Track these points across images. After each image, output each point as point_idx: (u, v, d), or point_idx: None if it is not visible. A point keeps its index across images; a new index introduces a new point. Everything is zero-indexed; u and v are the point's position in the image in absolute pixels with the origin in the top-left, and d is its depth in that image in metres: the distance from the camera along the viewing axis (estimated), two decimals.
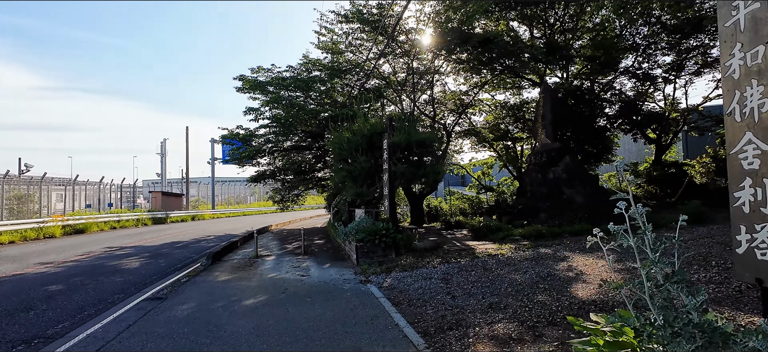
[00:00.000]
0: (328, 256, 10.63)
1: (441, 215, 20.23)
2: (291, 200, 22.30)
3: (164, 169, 40.07)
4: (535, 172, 14.11)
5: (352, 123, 10.47)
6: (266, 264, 9.66)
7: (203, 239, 16.62)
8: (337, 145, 10.15)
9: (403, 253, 9.28)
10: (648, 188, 19.94)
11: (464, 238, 12.14)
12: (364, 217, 9.63)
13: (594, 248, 8.79)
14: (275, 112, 14.76)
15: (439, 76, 19.93)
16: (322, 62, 17.35)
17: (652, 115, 16.60)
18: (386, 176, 9.64)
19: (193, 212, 32.45)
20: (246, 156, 15.91)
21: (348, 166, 10.08)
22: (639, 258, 2.65)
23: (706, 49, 17.50)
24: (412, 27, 15.79)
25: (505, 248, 9.38)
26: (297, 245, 13.37)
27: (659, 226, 11.37)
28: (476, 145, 22.78)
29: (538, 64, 16.07)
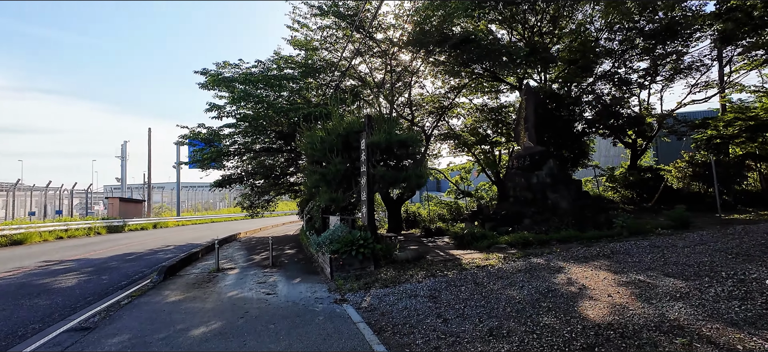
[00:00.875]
0: (299, 268, 9.57)
1: (420, 222, 19.47)
2: (261, 206, 20.92)
3: (124, 173, 37.45)
4: (518, 177, 13.57)
5: (327, 122, 9.51)
6: (228, 279, 8.50)
7: (162, 249, 15.11)
8: (310, 146, 9.16)
9: (382, 265, 8.37)
10: (624, 192, 19.97)
11: (447, 246, 11.37)
12: (339, 225, 8.67)
13: (588, 256, 8.21)
14: (243, 111, 13.49)
15: (417, 78, 19.29)
16: (294, 60, 16.28)
17: (631, 119, 16.54)
18: (364, 179, 8.72)
19: (155, 219, 30.29)
20: (208, 159, 14.51)
21: (321, 168, 9.10)
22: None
23: (680, 55, 17.70)
24: (392, 23, 15.01)
25: (493, 257, 8.65)
26: (265, 255, 12.21)
27: (643, 232, 11.04)
28: (455, 150, 22.23)
29: (518, 67, 15.68)
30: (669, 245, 8.53)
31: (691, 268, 6.39)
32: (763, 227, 9.99)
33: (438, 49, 16.16)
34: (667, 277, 6.01)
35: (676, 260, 7.06)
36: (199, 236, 20.68)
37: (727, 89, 17.27)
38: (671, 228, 11.29)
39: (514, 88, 20.56)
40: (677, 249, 8.02)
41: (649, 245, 8.69)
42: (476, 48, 14.94)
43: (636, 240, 9.51)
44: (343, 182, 9.26)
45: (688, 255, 7.34)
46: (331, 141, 8.85)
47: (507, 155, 22.31)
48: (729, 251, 7.40)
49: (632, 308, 4.79)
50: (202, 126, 14.30)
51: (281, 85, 13.80)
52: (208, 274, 9.24)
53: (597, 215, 12.25)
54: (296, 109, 11.60)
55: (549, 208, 12.33)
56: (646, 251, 8.07)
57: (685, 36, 16.15)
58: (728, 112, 15.57)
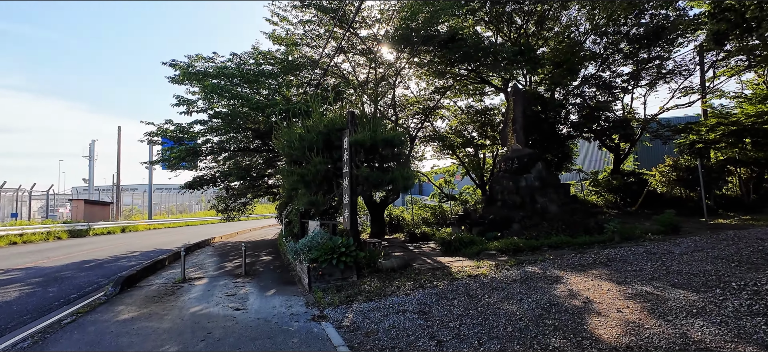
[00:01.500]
0: (274, 278, 8.78)
1: (403, 226, 18.89)
2: (237, 209, 19.89)
3: (92, 173, 35.43)
4: (505, 180, 13.14)
5: (307, 119, 8.78)
6: (193, 291, 7.63)
7: (126, 255, 13.96)
8: (287, 144, 8.40)
9: (366, 274, 7.69)
10: (608, 196, 19.91)
11: (433, 253, 10.77)
12: (319, 230, 7.94)
13: (585, 264, 7.74)
14: (216, 107, 12.49)
15: (402, 79, 18.76)
16: (274, 55, 15.44)
17: (617, 122, 16.45)
18: (346, 181, 8.03)
19: (124, 222, 28.64)
20: (177, 158, 13.44)
21: (300, 169, 8.35)
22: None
23: (663, 60, 17.77)
24: (377, 18, 14.40)
25: (484, 265, 8.09)
26: (239, 263, 11.32)
27: (634, 237, 10.75)
28: (439, 152, 21.79)
29: (505, 68, 15.33)
30: (665, 251, 8.17)
31: (697, 278, 5.97)
32: (754, 233, 9.81)
33: (423, 48, 15.67)
34: (675, 288, 5.56)
35: (678, 268, 6.66)
36: (170, 241, 19.46)
37: (708, 95, 17.40)
38: (661, 233, 11.04)
39: (499, 91, 20.28)
40: (675, 256, 7.65)
41: (645, 251, 8.31)
42: (463, 47, 14.49)
43: (629, 246, 9.14)
44: (324, 183, 8.54)
45: (689, 263, 6.96)
46: (311, 139, 8.12)
47: (491, 159, 22.05)
48: (729, 259, 7.06)
49: (648, 326, 4.27)
50: (170, 122, 13.21)
51: (259, 81, 12.92)
52: (172, 285, 8.33)
53: (586, 219, 11.92)
54: (274, 105, 10.78)
55: (538, 212, 11.92)
56: (644, 258, 7.67)
57: (670, 40, 16.15)
58: (711, 118, 15.64)
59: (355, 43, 16.22)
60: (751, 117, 14.72)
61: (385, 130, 8.58)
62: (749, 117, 14.76)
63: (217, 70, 12.10)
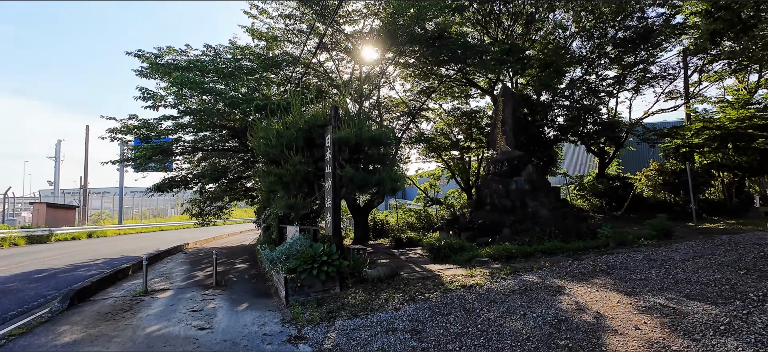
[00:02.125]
0: (248, 289, 7.96)
1: (388, 231, 18.21)
2: (213, 213, 18.79)
3: (58, 176, 33.42)
4: (495, 183, 12.67)
5: (286, 115, 8.04)
6: (154, 306, 6.76)
7: (86, 264, 12.80)
8: (264, 142, 7.63)
9: (350, 285, 6.98)
10: (593, 200, 19.78)
11: (422, 259, 10.14)
12: (298, 237, 7.20)
13: (585, 272, 7.23)
14: (187, 102, 11.48)
15: (387, 79, 18.21)
16: (253, 50, 14.59)
17: (605, 125, 16.30)
18: (329, 182, 7.32)
19: (91, 227, 26.97)
20: (143, 157, 12.33)
21: (278, 169, 7.59)
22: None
23: (648, 64, 17.79)
24: (362, 12, 13.77)
25: (477, 274, 7.51)
26: (210, 271, 10.42)
27: (628, 243, 10.41)
28: (425, 155, 21.29)
29: (492, 68, 14.93)
30: (665, 258, 7.78)
31: (710, 288, 5.53)
32: (747, 238, 9.59)
33: (409, 48, 15.14)
34: (690, 300, 5.08)
35: (686, 276, 6.23)
36: (140, 247, 18.21)
37: (692, 100, 17.49)
38: (654, 238, 10.74)
39: (485, 93, 19.97)
40: (677, 263, 7.25)
41: (644, 258, 7.90)
42: (450, 45, 14.03)
43: (626, 252, 8.74)
44: (304, 185, 7.80)
45: (695, 271, 6.55)
46: (290, 136, 7.38)
47: (476, 162, 21.69)
48: (735, 266, 6.69)
49: (675, 348, 3.73)
50: (135, 118, 12.08)
51: (235, 76, 12.04)
52: (130, 298, 7.41)
53: (578, 224, 11.54)
54: (250, 101, 9.95)
55: (529, 216, 11.46)
56: (646, 265, 7.24)
57: (656, 43, 16.12)
58: (696, 122, 15.63)
59: (339, 41, 15.56)
60: (735, 121, 14.76)
61: (372, 127, 7.91)
62: (733, 121, 14.79)
63: (189, 63, 11.15)
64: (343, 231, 19.24)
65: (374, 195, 14.21)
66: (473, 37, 17.81)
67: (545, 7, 16.31)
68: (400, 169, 11.47)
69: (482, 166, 21.13)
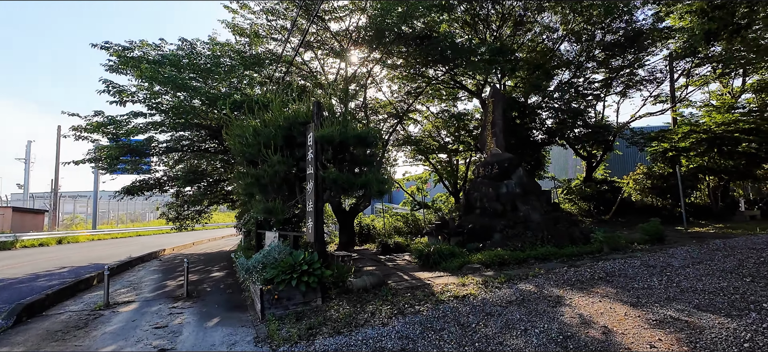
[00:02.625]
0: (222, 301, 7.31)
1: (374, 236, 17.67)
2: (191, 217, 17.91)
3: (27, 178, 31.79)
4: (485, 186, 12.28)
5: (266, 113, 7.44)
6: (114, 322, 6.06)
7: (49, 273, 11.85)
8: (240, 141, 7.01)
9: (333, 296, 6.41)
10: (581, 204, 19.66)
11: (410, 266, 9.64)
12: (277, 243, 6.61)
13: (583, 280, 6.81)
14: (160, 98, 10.67)
15: (373, 79, 17.74)
16: (232, 46, 13.92)
17: (595, 128, 16.16)
18: (311, 184, 6.75)
19: (61, 233, 25.58)
20: (110, 157, 11.43)
21: (255, 170, 6.99)
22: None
23: (634, 67, 17.79)
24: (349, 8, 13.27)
25: (469, 283, 7.03)
26: (184, 281, 9.69)
27: (622, 248, 10.11)
28: (412, 158, 20.86)
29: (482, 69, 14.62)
30: (664, 264, 7.46)
31: (719, 297, 5.17)
32: (742, 242, 9.40)
33: (396, 49, 14.72)
34: (702, 311, 4.70)
35: (691, 284, 5.88)
36: (112, 254, 17.19)
37: (678, 104, 17.53)
38: (647, 243, 10.50)
39: (473, 96, 19.71)
40: (677, 270, 6.93)
41: (642, 264, 7.57)
42: (439, 44, 13.66)
43: (622, 258, 8.41)
44: (284, 187, 7.21)
45: (699, 278, 6.21)
46: (269, 134, 6.78)
47: (464, 166, 21.39)
48: (737, 273, 6.39)
49: None
50: (101, 114, 11.14)
51: (213, 72, 11.34)
52: (89, 313, 6.68)
53: (570, 228, 11.22)
54: (227, 97, 9.30)
55: (521, 221, 11.09)
56: (645, 272, 6.90)
57: (643, 47, 16.09)
58: (683, 126, 15.62)
59: (325, 40, 15.02)
60: (721, 125, 14.77)
61: (357, 126, 7.39)
62: (720, 125, 14.80)
63: (162, 58, 10.38)
64: (327, 236, 18.66)
65: (360, 198, 13.68)
66: (462, 38, 17.54)
67: (535, 8, 16.09)
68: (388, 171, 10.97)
69: (470, 170, 20.84)
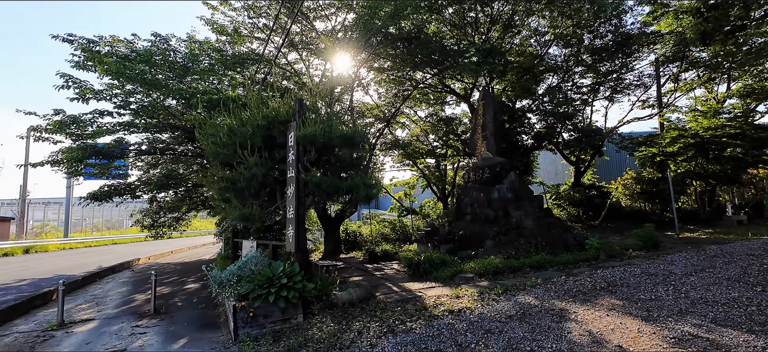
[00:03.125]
0: (193, 318, 6.63)
1: (361, 243, 17.05)
2: (168, 225, 17.00)
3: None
4: (475, 191, 11.86)
5: (243, 111, 6.84)
6: (64, 346, 5.35)
7: (6, 286, 10.85)
8: (213, 141, 6.39)
9: (316, 312, 5.82)
10: (570, 210, 19.49)
11: (399, 276, 9.10)
12: (253, 254, 6.00)
13: (584, 290, 6.29)
14: (129, 95, 9.82)
15: (360, 82, 17.28)
16: (212, 45, 13.25)
17: (586, 131, 15.99)
18: (292, 188, 6.17)
19: (29, 241, 24.18)
20: (73, 159, 10.45)
21: (230, 173, 6.37)
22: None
23: (620, 73, 17.76)
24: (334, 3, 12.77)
25: (464, 294, 6.54)
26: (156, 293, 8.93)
27: (616, 254, 9.79)
28: (400, 162, 20.39)
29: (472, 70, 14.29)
30: (665, 272, 7.11)
31: (734, 310, 4.80)
32: (737, 248, 9.19)
33: (384, 49, 14.28)
34: (721, 327, 4.30)
35: (699, 295, 5.51)
36: (81, 264, 16.13)
37: (665, 109, 17.56)
38: (642, 249, 10.22)
39: (461, 99, 19.42)
40: (680, 278, 6.58)
41: (643, 272, 7.21)
42: (428, 45, 13.28)
43: (619, 265, 8.06)
44: (262, 192, 6.60)
45: (707, 288, 5.86)
46: (245, 134, 6.18)
47: (451, 171, 21.05)
48: (745, 281, 6.07)
49: None
50: (61, 113, 10.20)
51: (190, 70, 10.64)
52: (38, 334, 5.93)
53: (564, 234, 10.87)
54: (202, 93, 8.61)
55: (513, 227, 10.69)
56: (648, 281, 6.52)
57: (630, 52, 16.04)
58: (671, 131, 15.58)
59: (310, 40, 14.48)
60: (709, 130, 14.76)
61: (343, 126, 6.85)
62: (707, 130, 14.79)
63: (134, 54, 9.60)
64: (312, 244, 17.99)
65: (346, 204, 13.11)
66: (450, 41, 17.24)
67: (523, 11, 15.89)
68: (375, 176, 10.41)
69: (458, 175, 20.51)
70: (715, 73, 15.04)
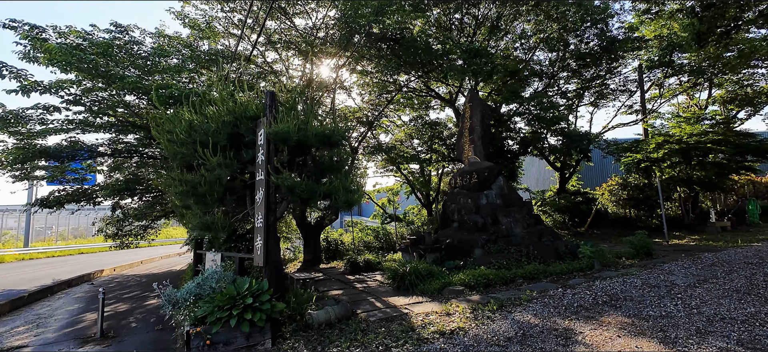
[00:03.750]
0: (144, 343, 5.75)
1: (342, 251, 16.26)
2: (134, 233, 15.82)
3: None
4: (463, 197, 11.30)
5: (208, 106, 6.06)
6: None
7: None
8: (170, 138, 5.58)
9: (288, 335, 5.06)
10: (556, 216, 19.22)
11: (382, 289, 8.38)
12: (214, 269, 5.20)
13: (586, 305, 5.57)
14: (90, 91, 8.73)
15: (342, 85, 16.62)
16: (184, 40, 12.36)
17: (572, 137, 15.71)
18: (261, 192, 5.42)
19: None
20: (13, 160, 9.26)
21: (191, 176, 5.57)
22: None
23: (606, 77, 17.67)
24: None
25: (455, 311, 5.89)
26: (110, 311, 7.96)
27: (610, 264, 9.36)
28: (384, 167, 19.74)
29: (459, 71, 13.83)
30: (667, 284, 6.65)
31: (757, 327, 4.30)
32: (733, 256, 8.89)
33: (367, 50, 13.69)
34: (749, 350, 3.77)
35: (713, 311, 5.02)
36: (36, 277, 14.77)
37: (649, 115, 17.53)
38: (635, 257, 9.84)
39: (446, 104, 19.01)
40: (685, 290, 6.12)
41: (643, 284, 6.73)
42: (413, 45, 12.76)
43: (618, 276, 7.58)
44: (228, 197, 5.81)
45: (717, 301, 5.39)
46: (207, 130, 5.40)
47: (436, 177, 20.55)
48: (756, 294, 5.64)
49: None
50: (1, 107, 9.06)
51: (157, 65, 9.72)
52: None
53: (555, 242, 10.39)
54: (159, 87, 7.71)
55: (503, 235, 10.15)
56: (652, 294, 6.03)
57: (616, 57, 15.93)
58: (657, 137, 15.47)
59: (291, 38, 13.75)
60: (694, 136, 14.69)
61: (322, 124, 6.15)
62: (692, 136, 14.72)
63: (88, 43, 8.61)
64: (291, 253, 17.08)
65: (326, 210, 12.36)
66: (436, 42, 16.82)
67: (510, 14, 15.59)
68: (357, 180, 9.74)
69: (443, 181, 20.02)
70: (700, 77, 15.02)
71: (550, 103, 17.70)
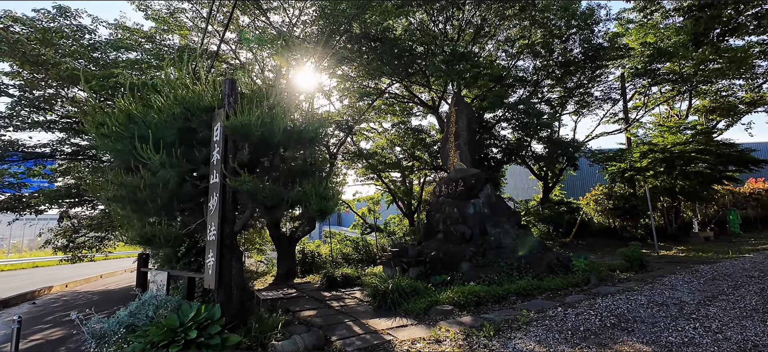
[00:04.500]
0: None
1: (319, 264, 15.21)
2: (89, 245, 14.34)
3: None
4: (448, 206, 10.58)
5: (156, 95, 5.11)
6: None
7: None
8: (102, 131, 4.60)
9: None
10: (540, 226, 18.78)
11: (362, 308, 7.48)
12: (154, 294, 4.22)
13: (593, 330, 4.71)
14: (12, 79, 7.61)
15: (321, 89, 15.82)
16: (144, 33, 11.28)
17: (560, 144, 15.33)
18: (214, 199, 4.50)
19: None
20: None
21: (130, 178, 4.60)
22: None
23: (588, 88, 17.51)
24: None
25: (445, 337, 5.08)
26: (40, 339, 6.79)
27: (605, 278, 8.78)
28: (364, 175, 18.92)
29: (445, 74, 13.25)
30: (675, 301, 6.06)
31: None
32: (729, 268, 8.47)
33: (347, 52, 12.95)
34: None
35: (740, 334, 4.39)
36: None
37: (632, 124, 17.43)
38: (630, 270, 9.32)
39: (429, 111, 18.44)
40: (696, 308, 5.52)
41: (649, 302, 6.11)
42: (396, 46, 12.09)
43: (620, 292, 6.96)
44: (175, 203, 4.84)
45: (738, 321, 4.79)
46: (151, 122, 4.46)
47: (418, 186, 19.89)
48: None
49: None
50: None
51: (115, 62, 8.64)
52: None
53: (545, 254, 9.77)
54: (105, 77, 6.68)
55: (492, 246, 9.46)
56: (663, 314, 5.40)
57: (600, 65, 15.74)
58: (641, 145, 15.28)
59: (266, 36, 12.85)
60: (678, 145, 14.55)
61: (292, 118, 5.27)
62: (676, 145, 14.58)
63: (28, 29, 7.51)
64: (264, 266, 15.93)
65: (300, 220, 11.39)
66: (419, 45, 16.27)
67: (495, 17, 15.19)
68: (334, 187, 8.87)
69: (426, 190, 19.35)
70: (683, 86, 14.96)
71: (536, 111, 17.39)
